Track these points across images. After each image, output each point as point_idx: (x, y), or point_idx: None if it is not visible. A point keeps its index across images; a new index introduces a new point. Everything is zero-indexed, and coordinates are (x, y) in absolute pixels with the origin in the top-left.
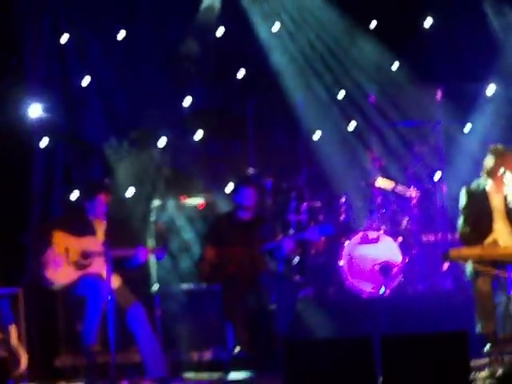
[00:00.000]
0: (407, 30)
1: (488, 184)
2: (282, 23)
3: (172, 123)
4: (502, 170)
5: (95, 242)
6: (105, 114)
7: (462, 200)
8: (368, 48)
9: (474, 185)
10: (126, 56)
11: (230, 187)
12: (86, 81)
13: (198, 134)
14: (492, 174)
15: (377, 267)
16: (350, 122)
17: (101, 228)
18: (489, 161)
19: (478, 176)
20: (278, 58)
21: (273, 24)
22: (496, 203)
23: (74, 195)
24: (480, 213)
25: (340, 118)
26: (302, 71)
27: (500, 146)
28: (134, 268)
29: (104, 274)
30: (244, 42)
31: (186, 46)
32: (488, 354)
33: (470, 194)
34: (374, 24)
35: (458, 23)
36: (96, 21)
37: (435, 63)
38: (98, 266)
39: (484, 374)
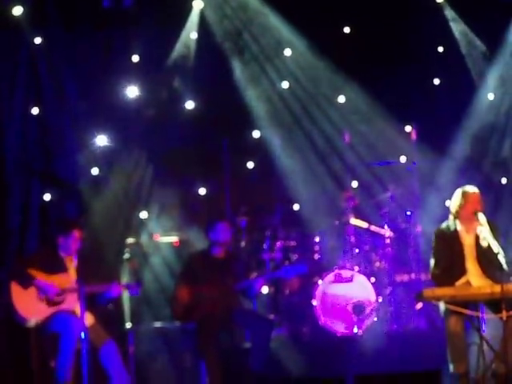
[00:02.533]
0: (383, 72)
1: (458, 225)
2: (260, 66)
3: (149, 162)
4: (474, 211)
5: (68, 278)
6: (81, 151)
7: (434, 241)
8: (345, 89)
9: (444, 225)
10: (102, 95)
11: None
12: (62, 119)
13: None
14: (460, 215)
15: (350, 306)
16: (324, 161)
17: (72, 265)
18: (455, 202)
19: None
20: (254, 99)
21: (249, 66)
22: (467, 243)
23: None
24: (451, 253)
25: (315, 157)
26: (278, 111)
27: (465, 187)
28: (107, 304)
29: (77, 310)
30: (220, 82)
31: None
32: None
33: (441, 235)
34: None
35: (432, 65)
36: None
37: (410, 103)
38: (71, 303)
39: None
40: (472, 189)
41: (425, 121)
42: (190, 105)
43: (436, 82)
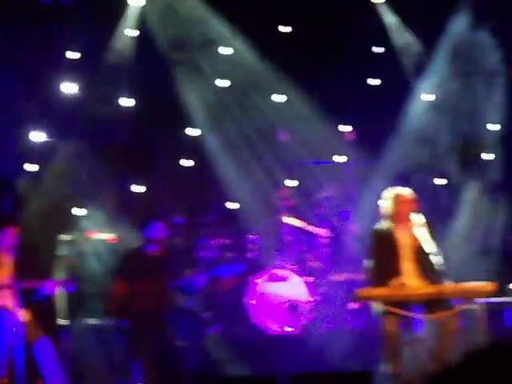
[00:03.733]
0: (321, 71)
1: (394, 225)
2: (197, 64)
3: (85, 158)
4: (409, 212)
5: (1, 274)
6: (17, 147)
7: (370, 241)
8: (283, 88)
9: (380, 226)
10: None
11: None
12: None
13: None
14: (395, 216)
15: (285, 305)
16: (261, 160)
17: (7, 261)
18: (389, 204)
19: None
20: (191, 96)
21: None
22: (403, 244)
23: None
24: (388, 253)
25: (251, 155)
26: (213, 108)
27: (396, 189)
28: (41, 301)
29: (11, 306)
30: (157, 80)
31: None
32: None
33: (377, 235)
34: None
35: (371, 65)
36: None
37: (347, 103)
38: (5, 299)
39: None
40: (404, 190)
41: (362, 121)
42: (126, 102)
43: (374, 82)
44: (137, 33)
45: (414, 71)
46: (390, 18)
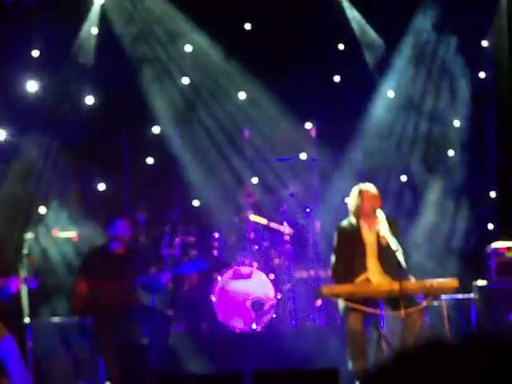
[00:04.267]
0: (284, 69)
1: (359, 221)
2: (160, 62)
3: (48, 156)
4: (372, 208)
5: None
6: None
7: (335, 238)
8: (246, 85)
9: (346, 222)
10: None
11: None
12: None
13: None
14: (359, 212)
15: (249, 303)
16: (224, 157)
17: None
18: (354, 200)
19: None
20: (154, 94)
21: (149, 62)
22: (368, 241)
23: None
24: (352, 250)
25: (215, 153)
26: (178, 106)
27: (362, 185)
28: (5, 299)
29: None
30: (120, 78)
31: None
32: None
33: (343, 232)
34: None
35: (333, 62)
36: None
37: (310, 101)
38: None
39: None
40: (369, 186)
41: (325, 118)
42: (89, 100)
43: (336, 79)
44: (99, 31)
45: (377, 68)
46: (353, 15)
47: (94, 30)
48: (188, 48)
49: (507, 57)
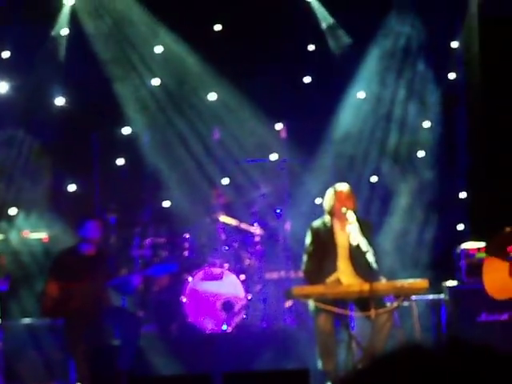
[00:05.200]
0: (254, 70)
1: (332, 222)
2: (130, 62)
3: (18, 157)
4: (343, 209)
5: None
6: None
7: (307, 238)
8: (216, 86)
9: (319, 222)
10: None
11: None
12: None
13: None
14: (333, 212)
15: (219, 304)
16: (195, 158)
17: None
18: (328, 200)
19: (322, 214)
20: (124, 95)
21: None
22: (340, 241)
23: None
24: (324, 251)
25: (185, 154)
26: (148, 108)
27: (336, 185)
28: None
29: None
30: (90, 78)
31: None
32: None
33: (315, 232)
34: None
35: (303, 63)
36: None
37: (280, 101)
38: None
39: None
40: (342, 186)
41: (295, 119)
42: (60, 101)
43: (306, 80)
44: (70, 32)
45: (347, 69)
46: (322, 15)
47: (65, 31)
48: (158, 49)
49: (477, 57)
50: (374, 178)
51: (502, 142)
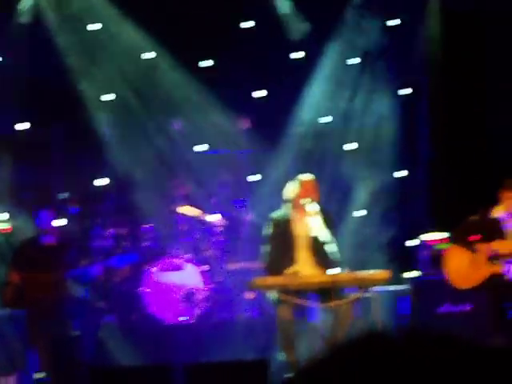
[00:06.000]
0: (216, 61)
1: (292, 213)
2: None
3: None
4: (306, 200)
5: None
6: None
7: (268, 229)
8: (178, 77)
9: (278, 213)
10: None
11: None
12: None
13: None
14: (295, 202)
15: (180, 295)
16: (156, 148)
17: None
18: (290, 190)
19: (283, 205)
20: (85, 85)
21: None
22: (299, 232)
23: None
24: (284, 242)
25: (146, 145)
26: (109, 98)
27: (300, 175)
28: None
29: None
30: (52, 69)
31: None
32: None
33: (275, 223)
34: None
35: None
36: None
37: (242, 93)
38: None
39: None
40: (307, 176)
41: (257, 110)
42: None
43: (269, 71)
44: (30, 25)
45: (308, 61)
46: (284, 7)
47: (25, 25)
48: (119, 39)
49: (440, 55)
50: (336, 169)
51: (464, 133)
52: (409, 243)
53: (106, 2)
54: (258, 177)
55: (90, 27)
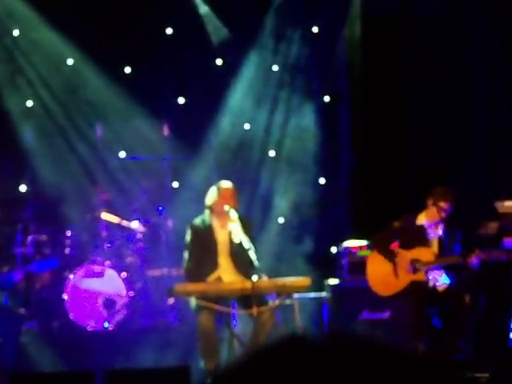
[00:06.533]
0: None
1: (212, 219)
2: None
3: None
4: (226, 207)
5: None
6: None
7: (188, 235)
8: (96, 82)
9: (199, 220)
10: None
11: None
12: None
13: None
14: (215, 209)
15: (101, 301)
16: (77, 154)
17: None
18: (211, 197)
19: (203, 211)
20: (6, 91)
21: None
22: (221, 239)
23: None
24: (205, 248)
25: (67, 151)
26: (31, 104)
27: (219, 183)
28: None
29: None
30: None
31: None
32: None
33: (195, 230)
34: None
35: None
36: None
37: (161, 99)
38: None
39: None
40: (226, 184)
41: (177, 116)
42: None
43: (189, 78)
44: None
45: (229, 68)
46: (205, 13)
47: None
48: (40, 45)
49: (360, 62)
50: (257, 175)
51: (384, 140)
52: (331, 250)
53: (27, 8)
54: (176, 184)
55: (13, 33)
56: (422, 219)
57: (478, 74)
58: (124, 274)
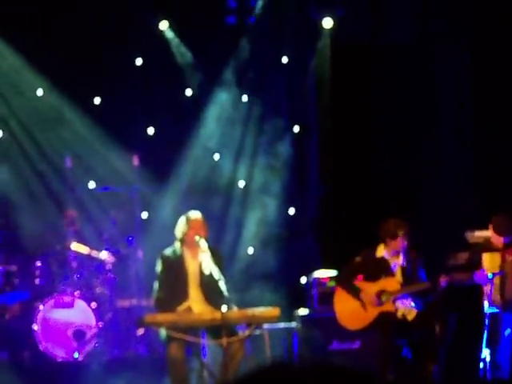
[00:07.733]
0: (106, 98)
1: (183, 250)
2: None
3: None
4: (197, 237)
5: None
6: None
7: (158, 266)
8: (67, 114)
9: (169, 250)
10: None
11: None
12: None
13: None
14: (185, 240)
15: (70, 332)
16: (46, 185)
17: None
18: (181, 227)
19: (174, 242)
20: None
21: None
22: (191, 269)
23: None
24: (175, 279)
25: (37, 181)
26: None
27: (188, 213)
28: None
29: None
30: None
31: None
32: None
33: (166, 260)
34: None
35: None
36: None
37: (132, 129)
38: None
39: None
40: (195, 214)
41: (147, 147)
42: None
43: (158, 108)
44: None
45: (199, 96)
46: (169, 35)
47: None
48: (7, 75)
49: (328, 92)
50: (225, 207)
51: (353, 170)
52: (300, 280)
53: None
54: (145, 214)
55: None
56: (381, 251)
57: (447, 104)
58: (94, 305)
